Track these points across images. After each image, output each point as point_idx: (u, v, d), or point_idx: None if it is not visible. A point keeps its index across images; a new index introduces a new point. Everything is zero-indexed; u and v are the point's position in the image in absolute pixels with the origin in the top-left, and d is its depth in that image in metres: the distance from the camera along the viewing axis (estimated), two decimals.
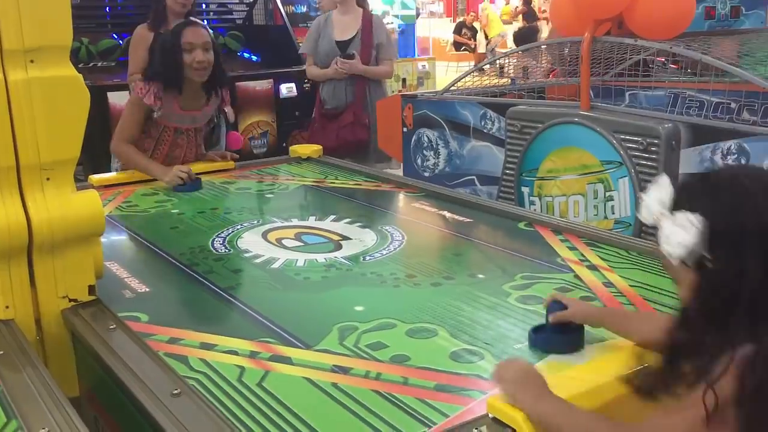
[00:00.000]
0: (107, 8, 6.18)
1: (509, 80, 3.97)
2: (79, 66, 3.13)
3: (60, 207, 1.71)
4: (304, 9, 8.20)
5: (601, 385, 1.32)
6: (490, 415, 1.25)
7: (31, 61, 1.64)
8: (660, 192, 1.17)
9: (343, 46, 4.16)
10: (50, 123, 1.68)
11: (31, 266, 1.72)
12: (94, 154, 4.28)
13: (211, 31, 3.13)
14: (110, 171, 3.34)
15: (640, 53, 3.27)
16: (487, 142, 3.50)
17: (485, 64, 3.78)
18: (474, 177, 3.61)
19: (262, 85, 5.69)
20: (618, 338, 1.51)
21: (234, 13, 6.72)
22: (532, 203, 3.26)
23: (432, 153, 3.81)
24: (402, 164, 4.11)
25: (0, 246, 1.64)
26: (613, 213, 2.94)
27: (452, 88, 3.96)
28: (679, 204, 1.14)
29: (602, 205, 2.99)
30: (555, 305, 1.53)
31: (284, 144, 5.58)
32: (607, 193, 2.96)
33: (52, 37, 1.67)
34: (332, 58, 4.16)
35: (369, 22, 4.20)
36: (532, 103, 3.42)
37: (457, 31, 16.87)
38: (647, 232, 2.60)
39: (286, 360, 1.52)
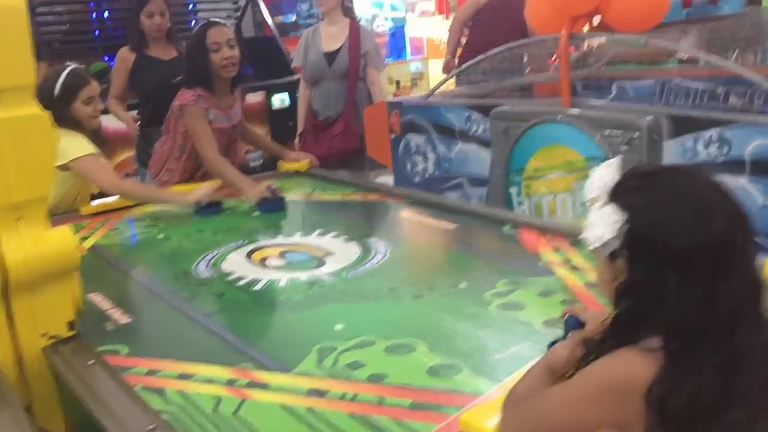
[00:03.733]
0: (96, 31, 6.18)
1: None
2: None
3: (34, 245, 1.73)
4: (293, 18, 8.19)
5: None
6: None
7: None
8: (605, 174, 1.11)
9: (330, 57, 4.16)
10: (19, 163, 1.69)
11: (8, 306, 1.73)
12: None
13: (232, 27, 3.19)
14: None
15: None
16: (473, 144, 3.49)
17: (464, 67, 3.76)
18: (463, 180, 3.60)
19: (255, 97, 5.66)
20: None
21: None
22: (520, 203, 3.25)
23: (420, 158, 3.80)
24: (393, 171, 4.10)
25: None
26: None
27: (436, 92, 3.95)
28: (614, 194, 1.08)
29: None
30: (572, 321, 1.35)
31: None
32: None
33: (15, 77, 1.68)
34: (321, 69, 4.16)
35: (356, 31, 4.20)
36: (514, 102, 3.40)
37: None
38: None
39: (263, 386, 1.53)
